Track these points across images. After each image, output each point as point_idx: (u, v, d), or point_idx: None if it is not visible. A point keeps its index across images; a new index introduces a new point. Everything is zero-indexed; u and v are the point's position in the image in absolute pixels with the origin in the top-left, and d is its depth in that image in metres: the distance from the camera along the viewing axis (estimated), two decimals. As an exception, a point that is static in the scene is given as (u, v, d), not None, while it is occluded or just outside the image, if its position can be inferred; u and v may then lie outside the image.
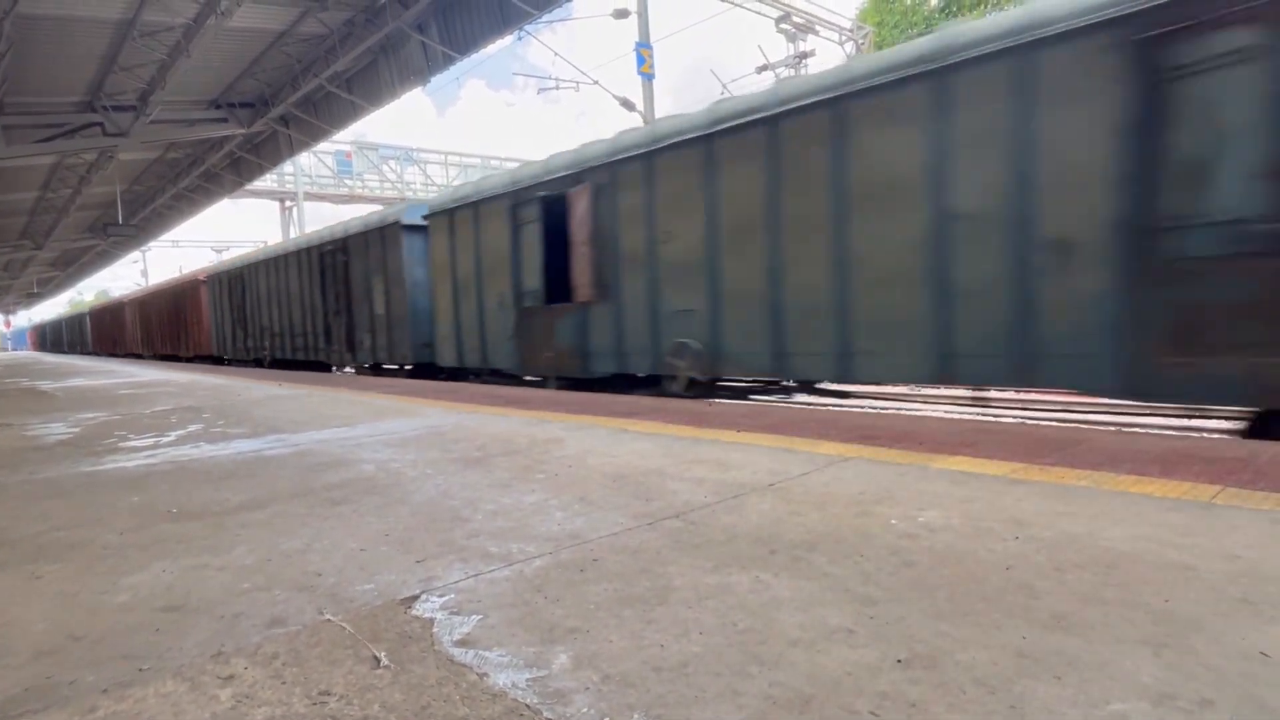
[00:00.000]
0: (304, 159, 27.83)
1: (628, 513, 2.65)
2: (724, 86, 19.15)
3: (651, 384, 8.13)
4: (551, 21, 14.46)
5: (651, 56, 17.10)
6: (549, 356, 9.17)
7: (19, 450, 4.97)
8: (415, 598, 1.93)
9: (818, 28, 22.77)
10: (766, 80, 20.86)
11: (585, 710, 1.35)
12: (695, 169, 7.26)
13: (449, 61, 12.87)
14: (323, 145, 22.41)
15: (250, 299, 18.33)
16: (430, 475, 3.46)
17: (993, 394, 7.52)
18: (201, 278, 22.04)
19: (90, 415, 7.08)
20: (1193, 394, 4.62)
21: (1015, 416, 7.25)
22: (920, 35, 5.79)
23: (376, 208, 18.58)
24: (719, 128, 7.00)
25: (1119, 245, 4.72)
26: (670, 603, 1.82)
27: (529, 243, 9.33)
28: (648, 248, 7.83)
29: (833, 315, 6.23)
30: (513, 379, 10.12)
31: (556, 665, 1.52)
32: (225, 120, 16.07)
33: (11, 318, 73.99)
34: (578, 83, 19.59)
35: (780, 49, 22.25)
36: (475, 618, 1.78)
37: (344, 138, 26.19)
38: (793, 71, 21.16)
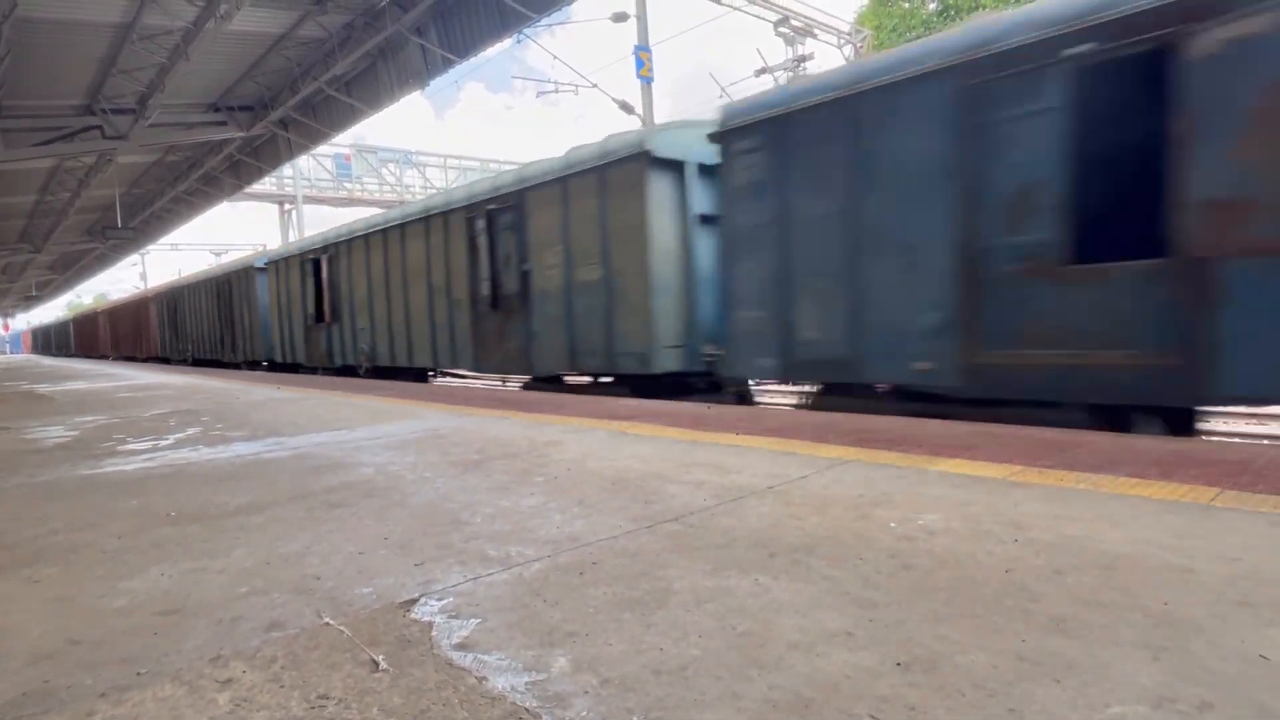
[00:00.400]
0: (303, 162, 27.84)
1: (627, 516, 2.65)
2: (723, 90, 19.20)
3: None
4: (550, 25, 14.50)
5: (650, 60, 17.13)
6: (319, 354, 14.78)
7: (17, 453, 4.96)
8: (414, 601, 1.93)
9: (816, 31, 22.82)
10: (765, 83, 20.90)
11: (584, 714, 1.35)
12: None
13: (448, 65, 12.88)
14: (322, 148, 22.43)
15: (180, 313, 24.08)
16: (429, 478, 3.46)
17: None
18: (150, 296, 27.87)
19: (89, 418, 7.07)
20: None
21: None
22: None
23: (375, 210, 19.06)
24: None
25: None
26: (669, 606, 1.82)
27: (305, 285, 15.01)
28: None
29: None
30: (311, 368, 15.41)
31: (556, 668, 1.52)
32: (224, 123, 16.08)
33: (10, 321, 73.94)
34: (577, 86, 19.63)
35: (779, 52, 22.29)
36: (474, 621, 1.78)
37: (343, 140, 26.19)
38: (791, 74, 21.20)
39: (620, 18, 17.50)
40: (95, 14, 10.97)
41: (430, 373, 12.25)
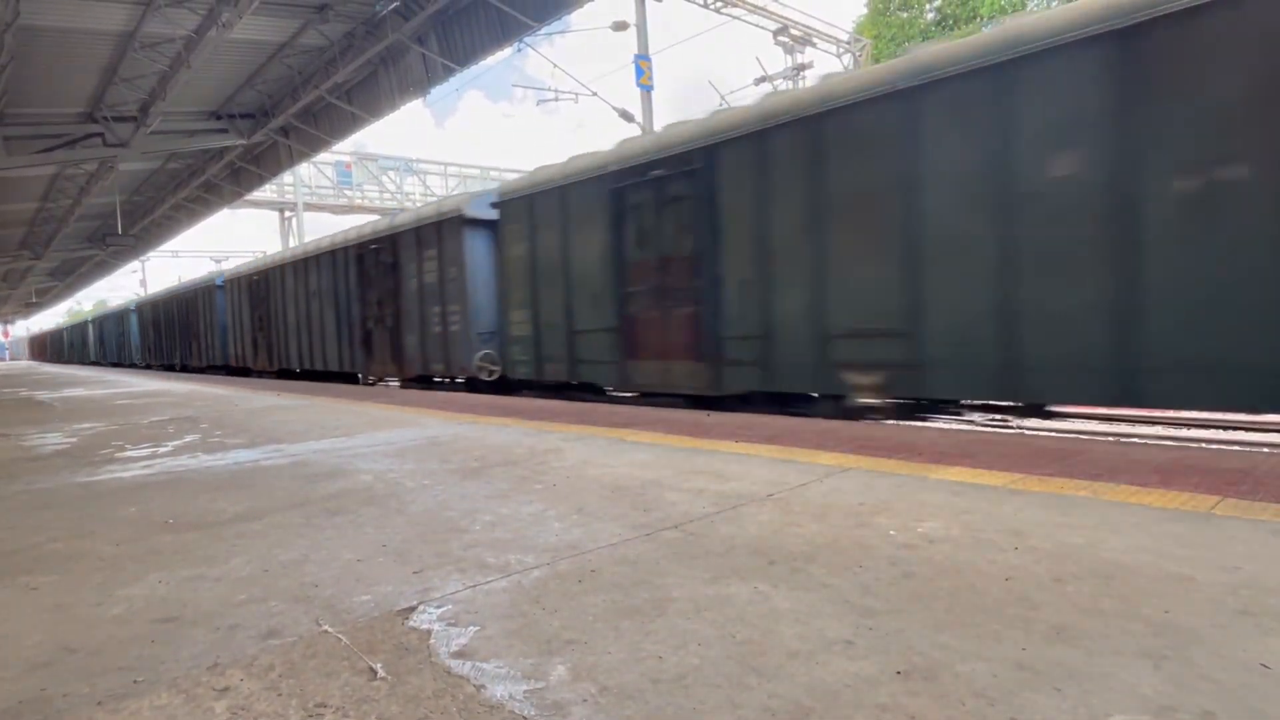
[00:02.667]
0: (304, 169, 27.88)
1: (626, 523, 2.64)
2: (722, 98, 19.26)
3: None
4: (550, 34, 14.57)
5: (650, 68, 17.20)
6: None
7: (15, 461, 4.95)
8: (412, 609, 1.92)
9: (815, 40, 22.92)
10: (765, 91, 20.96)
11: (583, 723, 1.34)
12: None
13: (448, 73, 12.92)
14: (322, 156, 22.48)
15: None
16: (428, 486, 3.45)
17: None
18: (90, 320, 36.47)
19: (87, 425, 7.06)
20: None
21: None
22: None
23: (374, 217, 19.19)
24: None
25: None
26: (668, 614, 1.81)
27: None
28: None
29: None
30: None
31: (554, 677, 1.52)
32: (225, 131, 16.11)
33: (10, 328, 73.91)
34: (576, 94, 19.69)
35: (779, 61, 22.39)
36: (473, 629, 1.77)
37: (344, 148, 26.24)
38: (791, 83, 21.28)
39: (620, 26, 17.58)
40: (97, 22, 11.01)
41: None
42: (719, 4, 19.36)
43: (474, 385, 10.36)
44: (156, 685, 1.56)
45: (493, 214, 9.97)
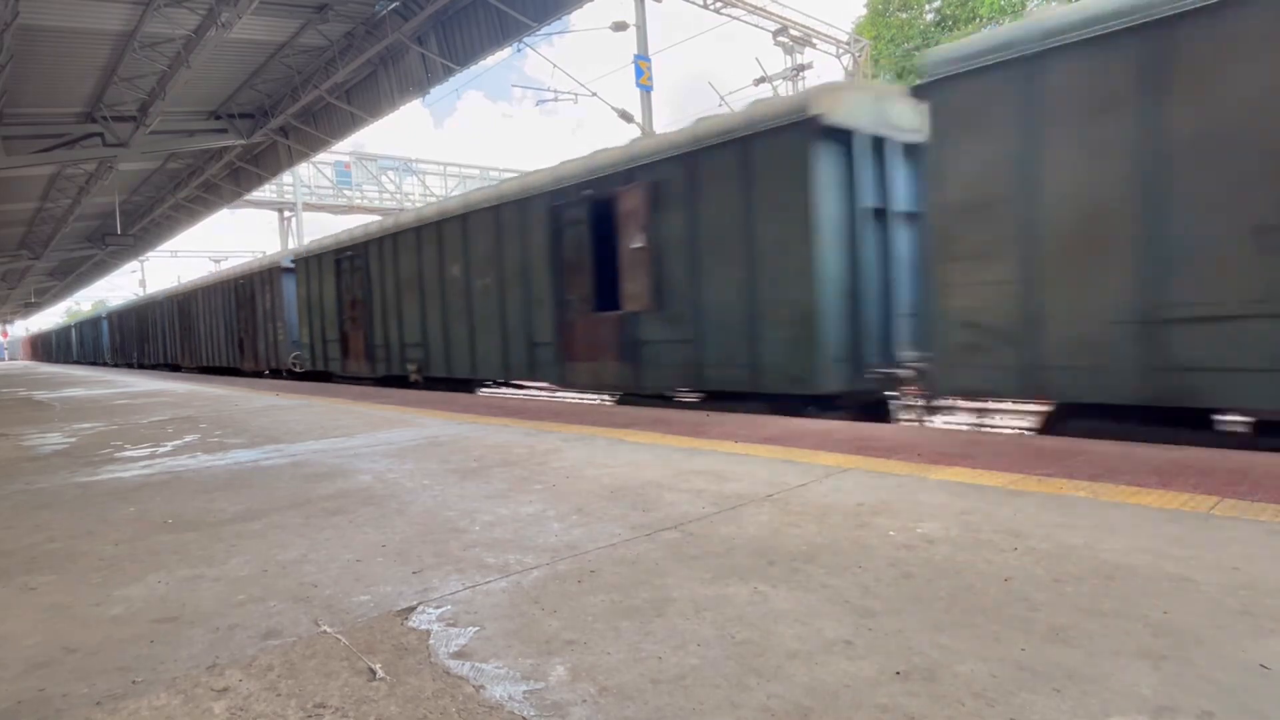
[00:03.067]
0: (303, 169, 27.86)
1: (625, 524, 2.64)
2: (722, 99, 19.26)
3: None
4: (550, 34, 14.57)
5: (650, 69, 17.20)
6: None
7: (14, 461, 4.95)
8: (412, 609, 1.92)
9: (815, 41, 22.93)
10: (764, 91, 20.98)
11: (582, 723, 1.34)
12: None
13: (448, 73, 12.92)
14: (322, 156, 22.46)
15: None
16: (428, 486, 3.45)
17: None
18: (70, 323, 43.62)
19: (87, 425, 7.06)
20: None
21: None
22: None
23: (375, 218, 19.24)
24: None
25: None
26: (668, 614, 1.81)
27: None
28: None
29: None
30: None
31: (554, 677, 1.51)
32: (225, 131, 16.10)
33: (9, 328, 73.86)
34: (576, 95, 19.69)
35: (778, 61, 22.40)
36: (472, 629, 1.77)
37: (343, 148, 26.22)
38: (791, 84, 21.29)
39: (620, 27, 17.58)
40: (97, 22, 11.01)
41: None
42: (718, 4, 19.37)
43: (291, 374, 15.65)
44: (155, 685, 1.56)
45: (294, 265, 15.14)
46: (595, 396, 9.15)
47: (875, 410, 6.10)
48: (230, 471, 4.10)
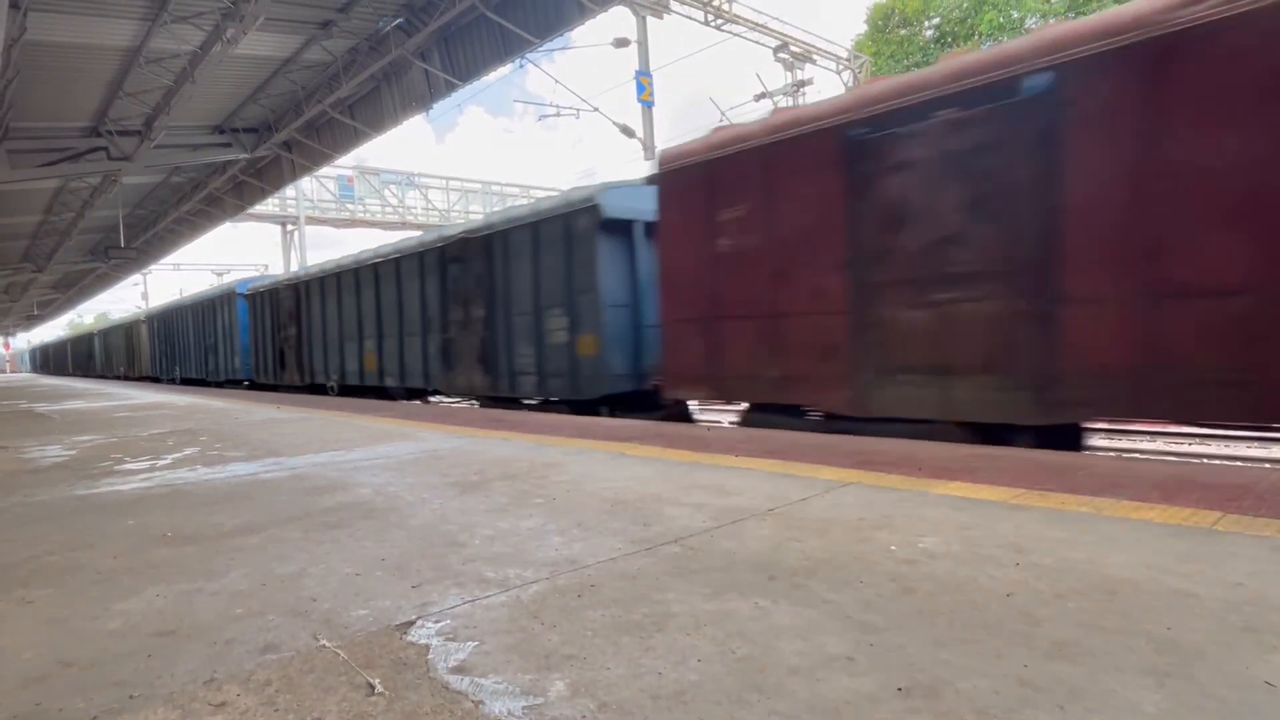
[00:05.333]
0: (306, 183, 28.02)
1: (626, 538, 2.64)
2: (723, 114, 19.39)
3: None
4: (551, 50, 14.70)
5: (651, 84, 17.33)
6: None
7: (13, 473, 4.94)
8: (411, 623, 1.91)
9: (815, 57, 23.12)
10: (765, 108, 21.11)
11: (582, 739, 1.33)
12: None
13: (450, 88, 13.02)
14: (325, 170, 22.59)
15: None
16: (427, 499, 3.44)
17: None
18: (67, 337, 48.02)
19: (87, 438, 7.05)
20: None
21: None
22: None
23: (377, 232, 19.41)
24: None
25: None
26: (668, 629, 1.80)
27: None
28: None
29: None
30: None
31: (553, 693, 1.50)
32: (229, 145, 16.21)
33: (11, 340, 74.00)
34: (578, 110, 19.83)
35: (779, 77, 22.56)
36: (471, 644, 1.76)
37: (345, 162, 26.37)
38: (792, 100, 21.43)
39: (622, 43, 17.73)
40: (104, 38, 11.11)
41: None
42: (719, 21, 19.54)
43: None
44: (152, 700, 1.55)
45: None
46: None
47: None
48: (229, 485, 4.10)
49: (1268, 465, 5.88)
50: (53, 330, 72.05)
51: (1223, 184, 4.03)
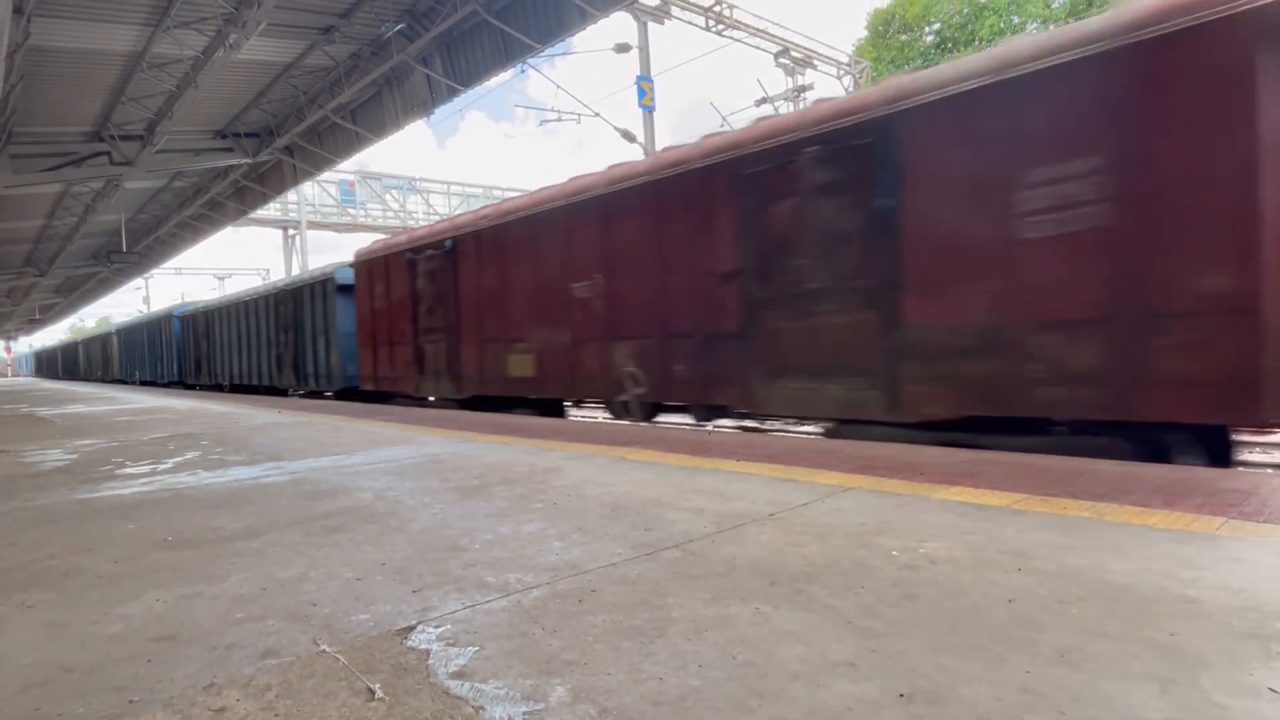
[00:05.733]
0: (307, 188, 28.09)
1: (626, 543, 2.63)
2: (723, 119, 19.43)
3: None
4: (552, 56, 14.73)
5: (652, 89, 17.37)
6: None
7: (14, 477, 4.94)
8: (411, 628, 1.91)
9: (816, 62, 23.17)
10: (766, 111, 21.15)
11: (582, 745, 1.33)
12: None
13: (452, 94, 13.06)
14: (326, 174, 22.66)
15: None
16: (428, 504, 3.44)
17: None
18: (57, 345, 54.18)
19: (87, 442, 7.05)
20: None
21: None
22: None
23: (380, 236, 19.48)
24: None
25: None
26: (669, 635, 1.80)
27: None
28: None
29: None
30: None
31: (554, 698, 1.50)
32: (231, 150, 16.26)
33: (12, 344, 74.15)
34: (579, 115, 19.87)
35: (780, 82, 22.61)
36: (472, 649, 1.76)
37: (347, 167, 26.45)
38: (793, 104, 21.47)
39: (623, 48, 17.78)
40: (107, 43, 11.16)
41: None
42: (720, 27, 19.59)
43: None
44: (152, 705, 1.55)
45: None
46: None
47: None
48: (230, 489, 4.09)
49: (1270, 471, 5.87)
50: (54, 334, 72.29)
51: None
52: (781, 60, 22.18)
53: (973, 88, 4.93)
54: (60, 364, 56.02)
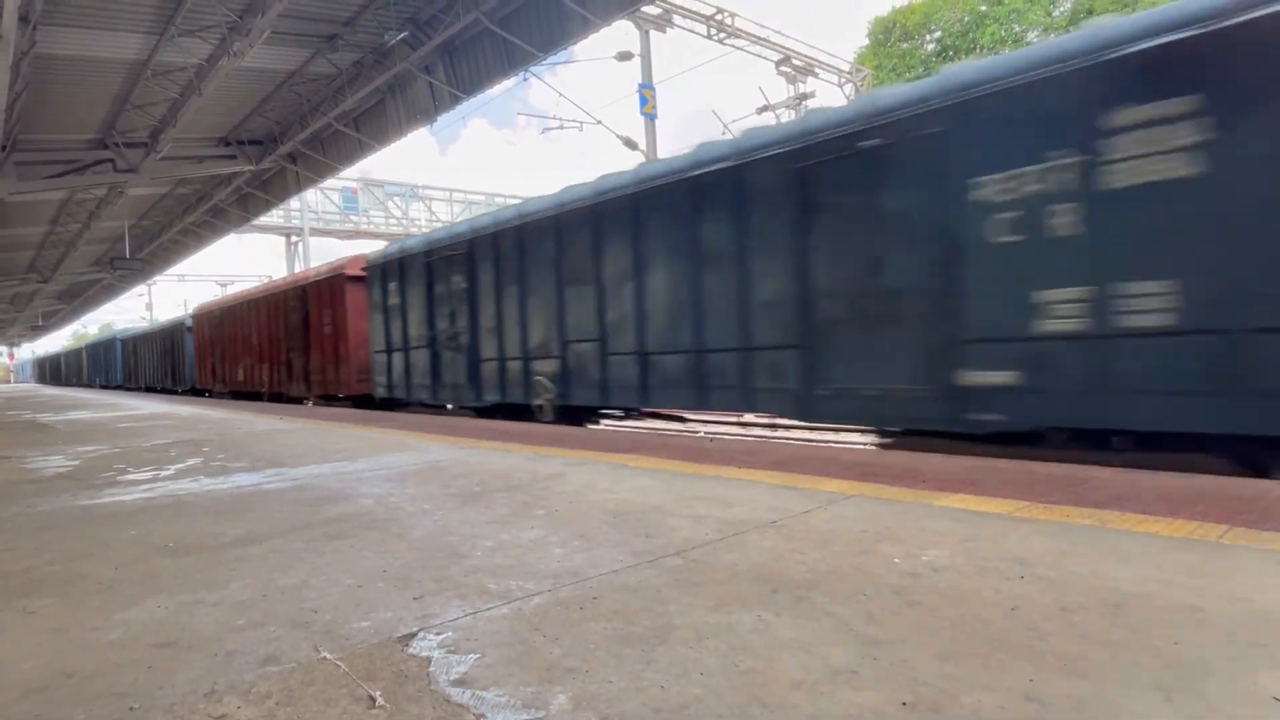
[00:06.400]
0: (310, 195, 28.14)
1: (628, 550, 2.63)
2: (725, 127, 19.48)
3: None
4: (555, 64, 14.81)
5: (654, 97, 17.43)
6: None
7: (16, 483, 4.94)
8: (412, 635, 1.90)
9: (817, 70, 23.24)
10: (768, 119, 21.21)
11: (583, 753, 1.32)
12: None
13: (455, 101, 13.10)
14: (329, 181, 22.73)
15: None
16: (429, 510, 3.44)
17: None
18: (46, 355, 64.64)
19: (90, 448, 7.06)
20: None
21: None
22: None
23: (382, 243, 19.51)
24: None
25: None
26: (671, 642, 1.79)
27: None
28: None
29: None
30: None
31: (555, 706, 1.49)
32: (234, 157, 16.31)
33: (16, 350, 74.36)
34: (581, 123, 19.93)
35: (781, 90, 22.68)
36: (473, 656, 1.75)
37: (350, 174, 26.56)
38: (794, 112, 21.53)
39: (625, 56, 17.85)
40: (112, 51, 11.21)
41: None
42: (721, 35, 19.67)
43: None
44: (152, 712, 1.54)
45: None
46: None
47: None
48: (232, 495, 4.09)
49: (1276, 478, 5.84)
50: (58, 340, 72.50)
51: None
52: (783, 68, 22.26)
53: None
54: (46, 371, 62.73)
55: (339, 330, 13.63)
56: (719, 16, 19.31)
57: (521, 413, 9.38)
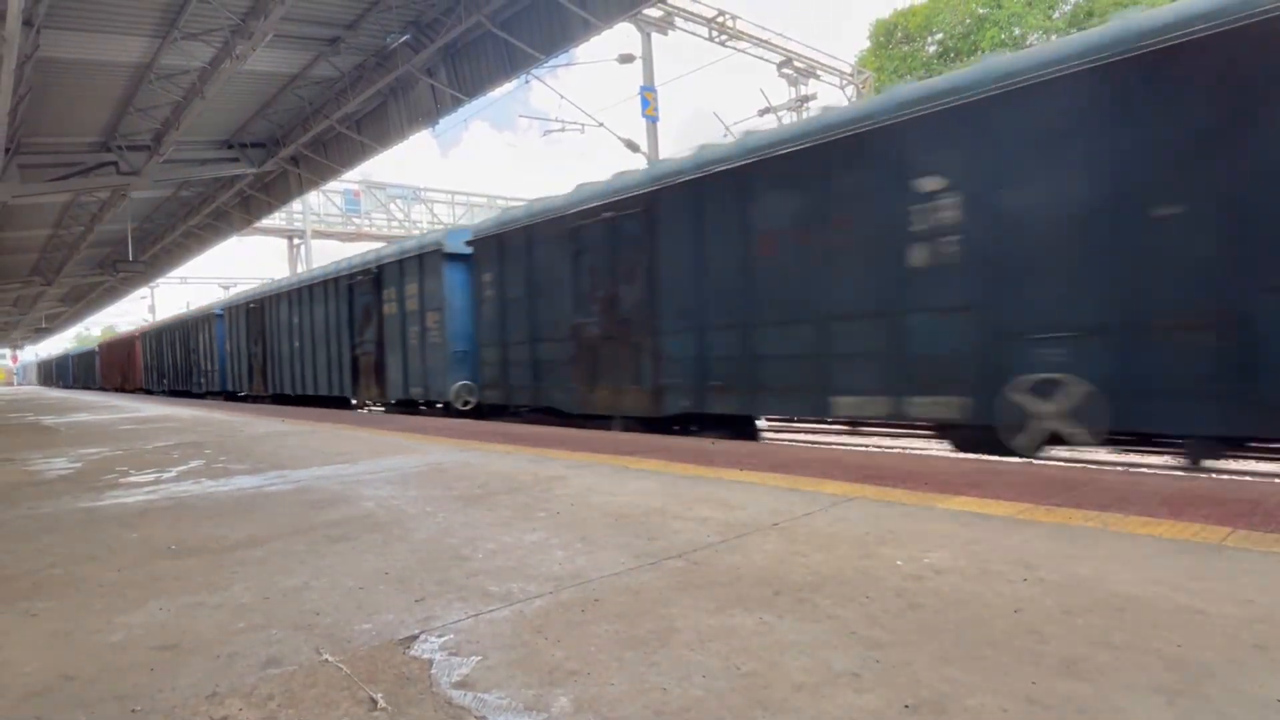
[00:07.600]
0: (312, 197, 28.19)
1: (630, 552, 2.62)
2: (727, 129, 19.49)
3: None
4: (556, 66, 14.80)
5: (656, 99, 17.45)
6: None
7: (18, 485, 4.95)
8: (414, 638, 1.90)
9: (819, 72, 23.26)
10: (769, 122, 21.22)
11: (585, 756, 1.32)
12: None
13: (457, 104, 13.13)
14: (331, 184, 22.78)
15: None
16: (431, 513, 3.44)
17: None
18: (35, 361, 74.18)
19: (92, 450, 7.07)
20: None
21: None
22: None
23: (382, 245, 19.61)
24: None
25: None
26: (673, 645, 1.79)
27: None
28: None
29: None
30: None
31: (556, 709, 1.49)
32: (237, 160, 16.35)
33: (19, 352, 74.60)
34: (583, 125, 19.95)
35: (783, 92, 22.70)
36: (474, 659, 1.75)
37: (352, 177, 26.61)
38: (796, 114, 21.54)
39: (626, 59, 17.88)
40: (115, 55, 11.25)
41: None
42: (723, 38, 19.70)
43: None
44: (154, 714, 1.54)
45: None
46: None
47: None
48: (234, 498, 4.10)
49: (1278, 481, 5.83)
50: (61, 342, 72.69)
51: None
52: (785, 70, 22.28)
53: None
54: (38, 374, 68.89)
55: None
56: (720, 19, 19.33)
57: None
